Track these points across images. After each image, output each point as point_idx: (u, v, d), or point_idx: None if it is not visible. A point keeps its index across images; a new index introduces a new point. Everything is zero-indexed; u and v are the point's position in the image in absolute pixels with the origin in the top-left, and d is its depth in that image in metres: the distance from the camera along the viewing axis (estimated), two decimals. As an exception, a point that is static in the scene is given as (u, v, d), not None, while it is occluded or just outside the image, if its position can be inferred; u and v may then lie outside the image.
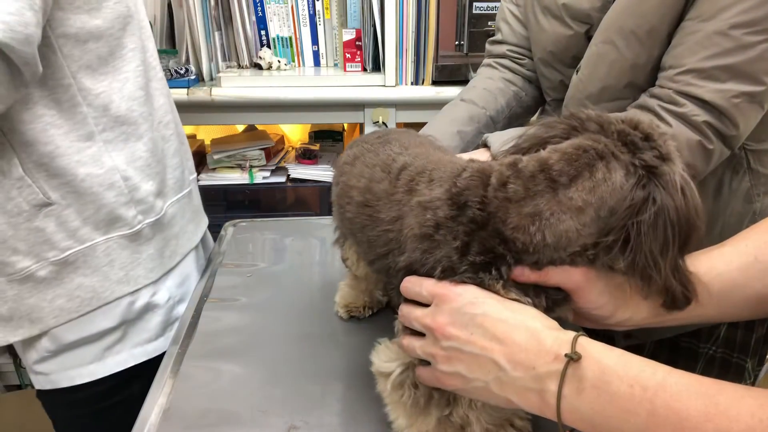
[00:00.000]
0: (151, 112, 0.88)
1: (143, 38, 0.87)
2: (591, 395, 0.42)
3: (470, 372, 0.49)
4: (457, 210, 0.51)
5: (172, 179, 0.94)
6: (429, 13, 1.64)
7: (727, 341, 0.89)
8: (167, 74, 1.59)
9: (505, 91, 0.98)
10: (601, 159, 0.46)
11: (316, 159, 1.85)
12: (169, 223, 0.92)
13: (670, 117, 0.70)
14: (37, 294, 0.80)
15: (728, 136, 0.70)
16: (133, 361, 0.88)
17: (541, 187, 0.48)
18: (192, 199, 1.02)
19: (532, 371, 0.45)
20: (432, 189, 0.54)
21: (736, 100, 0.68)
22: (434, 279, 0.51)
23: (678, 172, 0.46)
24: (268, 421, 0.65)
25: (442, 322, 0.50)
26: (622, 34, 0.74)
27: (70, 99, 0.76)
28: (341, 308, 0.84)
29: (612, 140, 0.47)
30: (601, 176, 0.46)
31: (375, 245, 0.61)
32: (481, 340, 0.48)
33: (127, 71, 0.83)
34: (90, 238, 0.81)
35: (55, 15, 0.72)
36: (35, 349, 0.84)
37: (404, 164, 0.60)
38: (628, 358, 0.43)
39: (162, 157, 0.91)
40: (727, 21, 0.66)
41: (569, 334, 0.45)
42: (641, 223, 0.45)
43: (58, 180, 0.76)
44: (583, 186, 0.46)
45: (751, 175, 0.81)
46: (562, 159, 0.47)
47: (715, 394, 0.38)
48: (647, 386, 0.40)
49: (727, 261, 0.53)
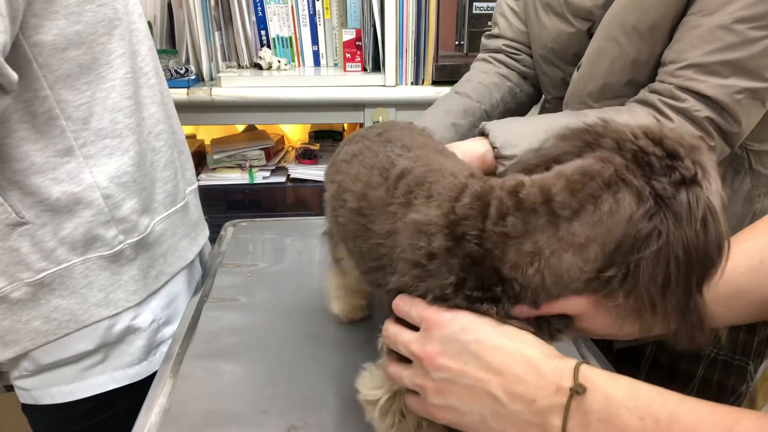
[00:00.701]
0: (140, 123, 0.82)
1: (134, 42, 0.81)
2: (598, 429, 0.39)
3: (464, 405, 0.46)
4: (453, 241, 0.47)
5: (162, 194, 0.89)
6: (429, 13, 1.64)
7: (728, 343, 0.88)
8: (167, 74, 1.59)
9: (500, 86, 0.97)
10: (608, 188, 0.42)
11: (316, 159, 1.85)
12: (156, 241, 0.87)
13: (671, 112, 0.69)
14: (11, 316, 0.76)
15: (729, 133, 0.69)
16: (114, 384, 0.84)
17: (542, 222, 0.44)
18: (187, 213, 0.96)
19: (533, 405, 0.42)
20: (429, 207, 0.50)
21: (738, 96, 0.67)
22: (425, 302, 0.48)
23: (702, 198, 0.41)
24: (268, 421, 0.64)
25: (432, 351, 0.46)
26: (623, 30, 0.73)
27: (47, 112, 0.71)
28: (340, 314, 0.82)
29: (626, 161, 0.42)
30: (607, 209, 0.42)
31: (367, 257, 0.58)
32: (475, 371, 0.44)
33: (113, 80, 0.77)
34: (66, 259, 0.76)
35: (29, 22, 0.66)
36: (15, 367, 0.81)
37: (403, 170, 0.56)
38: (636, 387, 0.40)
39: (150, 170, 0.85)
40: (730, 15, 0.65)
41: (570, 362, 0.42)
42: (641, 259, 0.41)
43: (32, 198, 0.72)
44: (586, 221, 0.42)
45: (753, 175, 0.80)
46: (566, 189, 0.43)
47: (733, 425, 0.36)
48: (659, 418, 0.37)
49: (732, 266, 0.51)
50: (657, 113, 0.70)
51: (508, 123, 0.78)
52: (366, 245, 0.57)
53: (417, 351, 0.48)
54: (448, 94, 0.98)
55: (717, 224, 0.41)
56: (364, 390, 0.56)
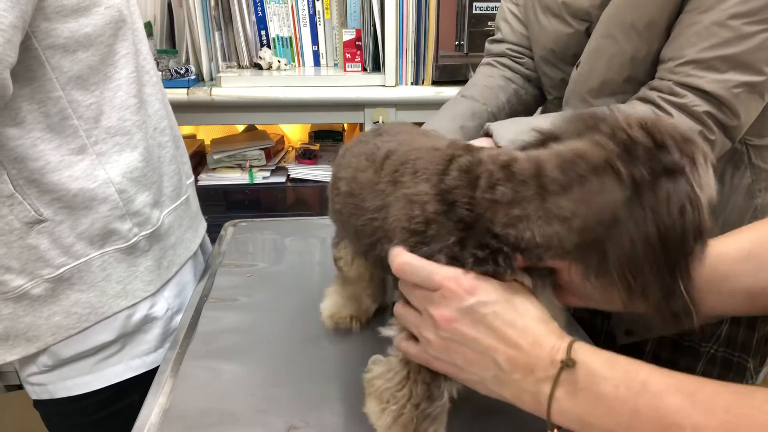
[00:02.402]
0: (146, 120, 0.85)
1: (136, 42, 0.84)
2: (580, 397, 0.44)
3: (467, 365, 0.50)
4: (446, 206, 0.50)
5: (169, 187, 0.92)
6: (429, 13, 1.64)
7: (728, 340, 0.89)
8: (167, 74, 1.59)
9: (506, 89, 0.98)
10: (595, 170, 0.45)
11: (316, 159, 1.85)
12: (166, 233, 0.90)
13: (671, 108, 0.70)
14: (33, 312, 0.78)
15: (729, 127, 0.70)
16: (131, 372, 0.86)
17: (531, 193, 0.47)
18: (190, 206, 1.00)
19: (531, 375, 0.47)
20: (417, 182, 0.53)
21: (737, 90, 0.68)
22: (446, 267, 0.50)
23: (684, 189, 0.43)
24: (268, 421, 0.65)
25: (450, 316, 0.50)
26: (621, 28, 0.74)
27: (60, 112, 0.73)
28: (327, 318, 0.81)
29: (617, 148, 0.45)
30: (591, 189, 0.45)
31: (362, 235, 0.61)
32: (487, 340, 0.48)
33: (119, 79, 0.80)
34: (85, 253, 0.79)
35: (41, 26, 0.69)
36: (34, 363, 0.83)
37: (388, 152, 0.60)
38: (615, 360, 0.44)
39: (158, 165, 0.89)
40: (726, 11, 0.66)
41: (567, 340, 0.47)
42: (615, 246, 0.44)
43: (50, 196, 0.74)
44: (572, 197, 0.46)
45: (753, 170, 0.81)
46: (558, 166, 0.46)
47: (693, 392, 0.40)
48: (631, 386, 0.42)
49: (719, 253, 0.54)
50: (657, 109, 0.71)
51: (512, 123, 0.79)
52: (359, 222, 0.60)
53: (433, 312, 0.51)
54: (454, 99, 1.00)
55: (697, 214, 0.43)
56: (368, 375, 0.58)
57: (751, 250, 0.53)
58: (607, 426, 0.43)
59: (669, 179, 0.43)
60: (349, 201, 0.62)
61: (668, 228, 0.43)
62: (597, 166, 0.45)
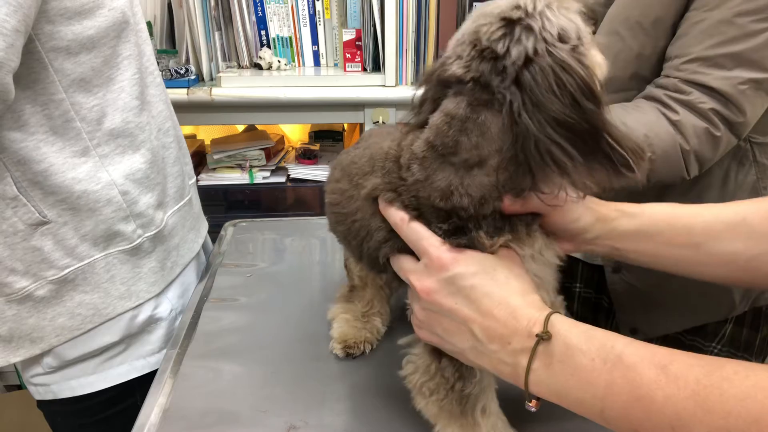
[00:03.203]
0: (149, 121, 0.85)
1: (140, 43, 0.84)
2: (557, 369, 0.45)
3: (447, 335, 0.52)
4: (395, 194, 0.54)
5: (173, 188, 0.92)
6: (429, 13, 1.64)
7: (731, 340, 0.89)
8: (167, 74, 1.59)
9: None
10: (467, 120, 0.48)
11: (316, 159, 1.85)
12: (169, 234, 0.90)
13: (677, 105, 0.70)
14: (37, 314, 0.78)
15: (735, 124, 0.70)
16: (135, 373, 0.86)
17: (436, 164, 0.50)
18: (192, 206, 1.00)
19: (508, 346, 0.48)
20: (370, 180, 0.58)
21: (743, 87, 0.68)
22: (435, 237, 0.52)
23: (545, 64, 0.44)
24: (268, 421, 0.64)
25: (429, 287, 0.52)
26: (627, 25, 0.74)
27: (63, 114, 0.73)
28: (337, 345, 0.76)
29: (471, 87, 0.47)
30: (478, 131, 0.47)
31: (350, 239, 0.63)
32: (463, 311, 0.50)
33: (121, 81, 0.80)
34: (89, 255, 0.79)
35: (44, 29, 0.69)
36: (38, 364, 0.83)
37: (352, 160, 0.63)
38: (592, 333, 0.45)
39: (162, 166, 0.89)
40: (732, 9, 0.67)
41: (545, 312, 0.47)
42: (521, 140, 0.45)
43: (54, 198, 0.74)
44: (467, 147, 0.48)
45: (757, 168, 0.81)
46: (438, 135, 0.49)
47: (667, 364, 0.41)
48: (607, 358, 0.43)
49: (715, 213, 0.56)
50: (663, 107, 0.71)
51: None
52: (344, 228, 0.63)
53: (415, 282, 0.53)
54: None
55: (571, 76, 0.44)
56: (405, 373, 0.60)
57: (746, 216, 0.54)
58: (582, 397, 0.44)
59: (527, 68, 0.44)
60: (333, 210, 0.65)
61: (558, 102, 0.43)
62: (464, 117, 0.48)
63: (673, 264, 0.57)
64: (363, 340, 0.76)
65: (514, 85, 0.45)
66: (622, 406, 0.41)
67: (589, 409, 0.44)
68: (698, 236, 0.55)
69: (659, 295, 0.86)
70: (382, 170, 0.56)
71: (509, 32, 0.45)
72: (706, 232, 0.55)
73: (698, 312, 0.87)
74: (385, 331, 0.79)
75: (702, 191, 0.81)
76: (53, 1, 0.69)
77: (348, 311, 0.78)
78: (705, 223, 0.55)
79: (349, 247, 0.66)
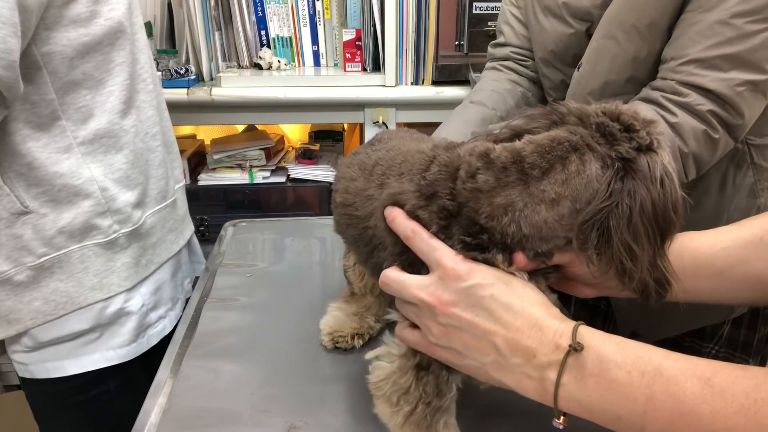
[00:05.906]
0: (136, 125, 0.89)
1: (134, 51, 0.88)
2: (590, 383, 0.42)
3: (467, 351, 0.49)
4: (425, 200, 0.51)
5: (155, 190, 0.96)
6: (429, 13, 1.64)
7: (730, 341, 0.89)
8: (167, 74, 1.59)
9: (513, 92, 0.98)
10: (575, 151, 0.46)
11: (316, 159, 1.85)
12: (147, 232, 0.94)
13: (675, 107, 0.70)
14: (14, 297, 0.83)
15: (733, 125, 0.70)
16: (105, 362, 0.90)
17: (513, 178, 0.47)
18: (176, 209, 1.03)
19: (533, 360, 0.45)
20: (402, 182, 0.54)
21: (740, 89, 0.68)
22: (449, 248, 0.49)
23: (659, 163, 0.45)
24: (268, 421, 0.64)
25: (446, 300, 0.49)
26: (622, 28, 0.74)
27: (51, 113, 0.77)
28: (326, 336, 0.77)
29: (590, 132, 0.46)
30: (575, 169, 0.46)
31: (360, 244, 0.62)
32: (484, 323, 0.47)
33: (112, 85, 0.84)
34: (65, 245, 0.83)
35: (41, 34, 0.73)
36: (18, 343, 0.87)
37: (377, 160, 0.61)
38: (626, 345, 0.43)
39: (146, 168, 0.93)
40: (728, 10, 0.66)
41: (570, 324, 0.45)
42: (616, 216, 0.44)
43: (36, 189, 0.79)
44: (555, 179, 0.46)
45: (755, 170, 0.81)
46: (536, 151, 0.47)
47: (710, 376, 0.39)
48: (645, 371, 0.41)
49: (733, 237, 0.54)
50: (660, 109, 0.71)
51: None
52: (356, 232, 0.61)
53: (427, 297, 0.50)
54: (463, 105, 0.99)
55: (673, 185, 0.45)
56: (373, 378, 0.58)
57: (763, 236, 0.53)
58: (619, 413, 0.41)
59: (646, 155, 0.45)
60: (344, 211, 0.63)
61: (658, 200, 0.44)
62: (575, 146, 0.46)
63: (697, 295, 0.55)
64: (351, 332, 0.76)
65: (639, 151, 0.45)
66: (666, 423, 0.39)
67: (627, 426, 0.41)
68: (720, 265, 0.53)
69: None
70: (418, 175, 0.53)
71: (640, 122, 0.47)
72: (726, 259, 0.53)
73: (698, 315, 0.87)
74: (379, 328, 0.79)
75: (700, 194, 0.81)
76: (52, 9, 0.73)
77: (341, 309, 0.79)
78: (725, 250, 0.53)
79: (357, 251, 0.65)
